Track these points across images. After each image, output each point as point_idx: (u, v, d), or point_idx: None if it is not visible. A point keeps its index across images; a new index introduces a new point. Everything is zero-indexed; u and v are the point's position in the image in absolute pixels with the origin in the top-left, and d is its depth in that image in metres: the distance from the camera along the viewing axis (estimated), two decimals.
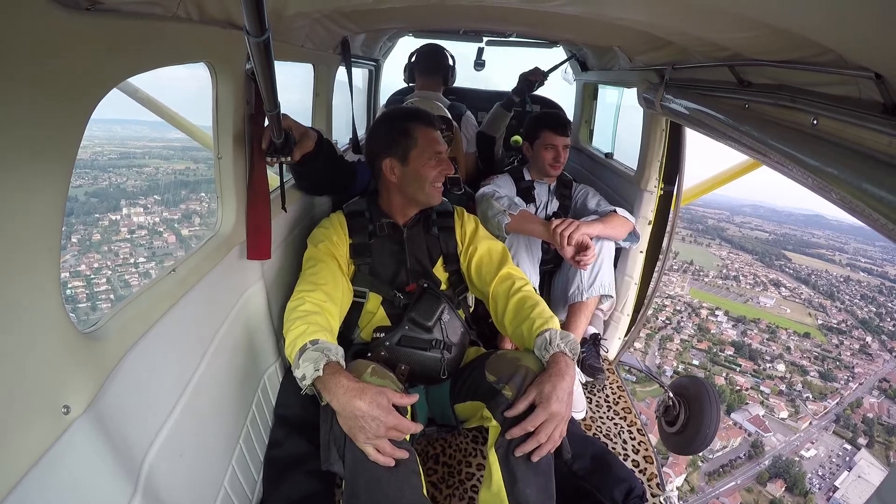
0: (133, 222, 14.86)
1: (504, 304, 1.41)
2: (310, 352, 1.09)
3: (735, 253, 43.97)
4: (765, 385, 27.19)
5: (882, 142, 0.74)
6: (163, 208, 15.83)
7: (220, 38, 1.07)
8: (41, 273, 0.67)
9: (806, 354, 29.92)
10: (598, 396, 2.00)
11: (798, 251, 43.88)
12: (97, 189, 15.06)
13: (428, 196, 1.50)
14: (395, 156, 1.48)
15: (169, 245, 14.45)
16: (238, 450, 1.29)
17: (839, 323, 33.28)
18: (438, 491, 1.50)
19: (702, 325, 32.45)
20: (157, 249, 14.21)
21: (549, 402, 1.11)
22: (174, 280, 1.03)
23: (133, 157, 16.43)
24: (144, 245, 14.56)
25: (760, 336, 31.62)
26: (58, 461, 0.69)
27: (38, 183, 0.64)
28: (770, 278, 39.13)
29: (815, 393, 26.80)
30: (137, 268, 12.98)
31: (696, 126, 1.48)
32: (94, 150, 15.10)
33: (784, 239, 47.19)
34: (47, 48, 0.61)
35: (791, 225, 51.53)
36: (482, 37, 3.07)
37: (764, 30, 0.95)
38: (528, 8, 1.62)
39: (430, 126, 1.49)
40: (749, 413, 25.02)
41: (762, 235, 48.32)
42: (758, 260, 42.36)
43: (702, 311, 33.96)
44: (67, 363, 0.72)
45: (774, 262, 41.59)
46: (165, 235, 15.06)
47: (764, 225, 51.16)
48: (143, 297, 0.95)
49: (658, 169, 2.11)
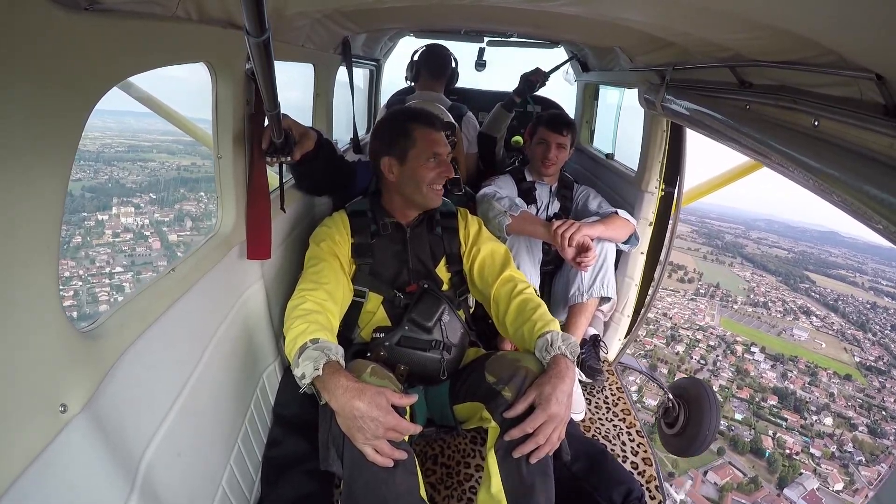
0: (120, 224, 13.73)
1: (506, 307, 1.41)
2: (310, 350, 1.09)
3: (759, 274, 43.23)
4: (815, 447, 24.99)
5: (883, 143, 0.74)
6: (155, 208, 14.77)
7: (220, 38, 1.07)
8: (39, 271, 0.67)
9: (851, 402, 27.92)
10: (598, 398, 2.00)
11: (820, 272, 43.37)
12: (94, 184, 14.09)
13: (425, 198, 1.49)
14: (394, 155, 1.47)
15: (152, 253, 13.18)
16: (236, 449, 1.29)
17: (876, 360, 31.61)
18: (437, 492, 1.50)
19: (739, 367, 29.89)
20: (138, 258, 12.94)
21: (548, 403, 1.11)
22: (173, 279, 1.03)
23: (140, 150, 15.47)
24: (126, 252, 13.21)
25: (802, 379, 29.32)
26: (55, 460, 0.69)
27: (37, 181, 0.64)
28: (798, 304, 38.19)
29: (866, 453, 24.58)
30: (112, 279, 11.55)
31: (696, 127, 1.48)
32: (104, 143, 14.20)
33: (803, 258, 46.86)
34: (46, 47, 0.61)
35: (807, 242, 51.42)
36: (483, 37, 3.07)
37: (765, 31, 0.94)
38: (529, 8, 1.61)
39: (431, 127, 1.48)
40: (804, 488, 22.34)
41: (781, 253, 47.93)
42: (783, 283, 41.69)
43: (737, 348, 31.42)
44: (65, 362, 0.72)
45: (799, 284, 41.01)
46: (150, 241, 13.83)
47: (781, 242, 50.98)
48: (142, 295, 0.95)
49: (659, 170, 2.11)
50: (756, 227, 56.00)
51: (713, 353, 30.78)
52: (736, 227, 55.17)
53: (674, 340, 31.38)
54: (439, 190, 1.50)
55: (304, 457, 1.37)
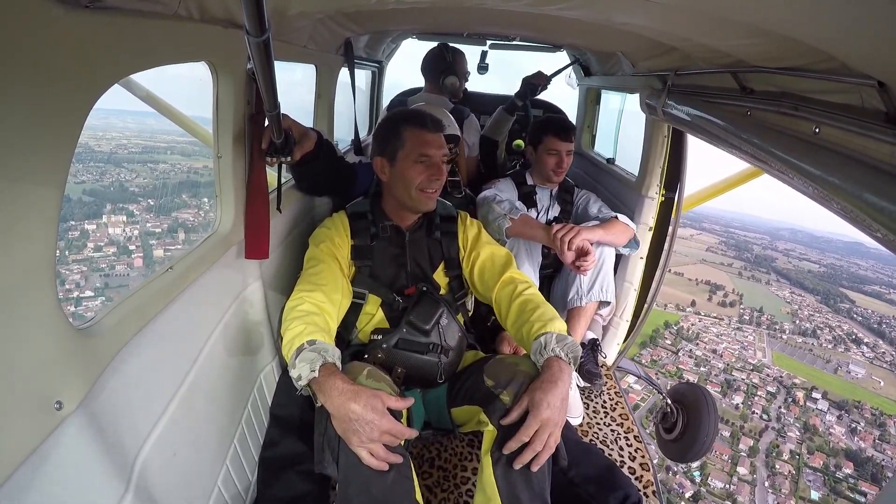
0: (106, 235, 12.13)
1: (507, 309, 1.40)
2: (306, 352, 1.09)
3: (798, 294, 41.23)
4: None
5: (884, 151, 0.74)
6: (150, 216, 13.36)
7: (221, 38, 1.07)
8: (37, 267, 0.67)
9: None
10: (596, 402, 1.99)
11: (855, 288, 42.05)
12: (96, 188, 12.75)
13: (414, 201, 1.47)
14: (386, 156, 1.47)
15: (131, 272, 11.45)
16: (232, 449, 1.28)
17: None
18: (433, 495, 1.49)
19: (806, 421, 25.63)
20: (114, 279, 11.24)
21: (539, 409, 1.10)
22: (171, 277, 1.03)
23: (156, 151, 14.28)
24: (102, 270, 11.54)
25: (870, 433, 25.25)
26: (49, 457, 0.68)
27: (36, 178, 0.64)
28: (845, 330, 35.35)
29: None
30: (79, 306, 9.72)
31: (698, 132, 1.48)
32: (119, 143, 13.05)
33: (835, 272, 45.63)
34: (47, 45, 0.61)
35: (833, 254, 50.33)
36: (486, 40, 3.07)
37: (767, 37, 0.94)
38: (532, 11, 1.62)
39: (422, 128, 1.45)
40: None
41: (812, 267, 46.69)
42: (823, 303, 39.74)
43: (797, 393, 27.59)
44: (61, 359, 0.72)
45: (839, 304, 39.19)
46: (133, 257, 11.93)
47: (809, 254, 49.86)
48: (139, 294, 0.95)
49: (659, 175, 2.11)
50: (781, 237, 55.27)
51: (774, 403, 27.08)
52: (761, 237, 54.43)
53: (730, 388, 27.48)
54: (431, 193, 1.47)
55: (301, 458, 1.36)
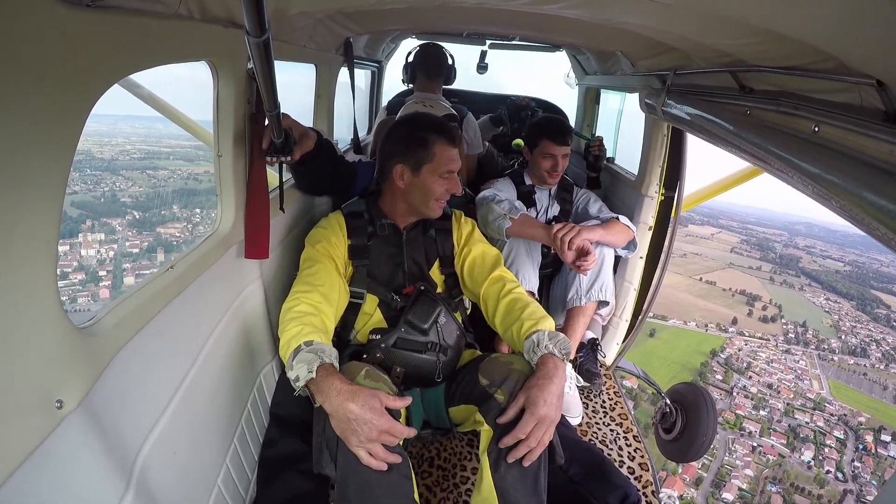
0: (77, 258, 10.72)
1: (495, 306, 1.41)
2: (304, 353, 1.09)
3: (833, 300, 40.23)
4: None
5: (883, 150, 0.74)
6: (132, 233, 11.96)
7: (222, 37, 1.07)
8: (38, 266, 0.67)
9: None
10: (595, 402, 1.99)
11: (884, 289, 41.05)
12: (84, 200, 11.58)
13: (430, 210, 1.50)
14: (408, 164, 1.45)
15: (93, 306, 9.40)
16: (232, 448, 1.28)
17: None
18: (433, 494, 1.49)
19: (882, 476, 22.65)
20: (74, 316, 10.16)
21: (535, 406, 1.11)
22: (171, 277, 1.03)
23: (159, 157, 13.41)
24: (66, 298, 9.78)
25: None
26: (50, 456, 0.68)
27: (37, 177, 0.64)
28: (891, 343, 34.35)
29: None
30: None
31: (697, 132, 1.48)
32: (122, 149, 12.33)
33: (861, 271, 44.71)
34: (47, 44, 0.61)
35: (853, 249, 49.26)
36: (485, 40, 3.07)
37: (766, 36, 0.94)
38: (531, 11, 1.62)
39: (451, 143, 1.46)
40: None
41: (838, 266, 45.78)
42: (860, 310, 38.80)
43: (866, 437, 24.78)
44: (62, 358, 0.72)
45: (876, 311, 38.20)
46: (100, 287, 10.45)
47: (830, 251, 49.03)
48: (140, 293, 0.95)
49: (659, 174, 2.11)
50: (798, 233, 54.58)
51: (846, 455, 24.30)
52: (779, 233, 53.80)
53: (796, 438, 24.72)
54: (443, 204, 1.51)
55: (300, 457, 1.37)
